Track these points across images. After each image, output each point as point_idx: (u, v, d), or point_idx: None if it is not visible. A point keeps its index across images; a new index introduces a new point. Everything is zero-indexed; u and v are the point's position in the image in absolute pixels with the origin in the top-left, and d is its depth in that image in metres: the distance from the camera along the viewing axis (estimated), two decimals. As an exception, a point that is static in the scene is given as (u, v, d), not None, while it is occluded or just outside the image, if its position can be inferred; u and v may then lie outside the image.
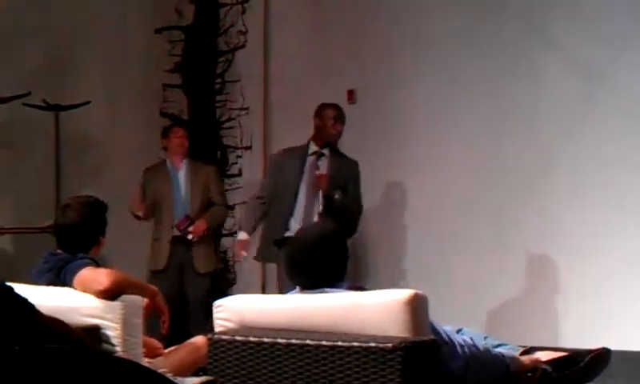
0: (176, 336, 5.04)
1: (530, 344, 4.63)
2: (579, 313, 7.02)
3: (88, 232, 4.56)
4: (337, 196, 6.88)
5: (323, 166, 7.04)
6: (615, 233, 7.11)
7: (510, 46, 7.63)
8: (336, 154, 7.16)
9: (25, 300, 3.38)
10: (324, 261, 4.00)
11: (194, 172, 7.75)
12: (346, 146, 7.61)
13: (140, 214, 7.53)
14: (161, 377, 2.68)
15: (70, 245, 4.51)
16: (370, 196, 7.77)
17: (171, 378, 3.91)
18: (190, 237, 7.56)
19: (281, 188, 7.07)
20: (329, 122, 7.07)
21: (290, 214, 6.98)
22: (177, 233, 7.61)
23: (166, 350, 4.71)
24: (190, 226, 7.55)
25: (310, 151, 7.10)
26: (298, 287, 4.06)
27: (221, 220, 8.05)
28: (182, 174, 7.74)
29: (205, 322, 7.21)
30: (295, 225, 6.78)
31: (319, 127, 7.11)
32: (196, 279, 7.68)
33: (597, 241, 7.15)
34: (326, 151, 7.11)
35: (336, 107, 7.17)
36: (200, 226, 7.59)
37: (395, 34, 8.14)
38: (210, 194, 7.76)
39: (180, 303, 7.59)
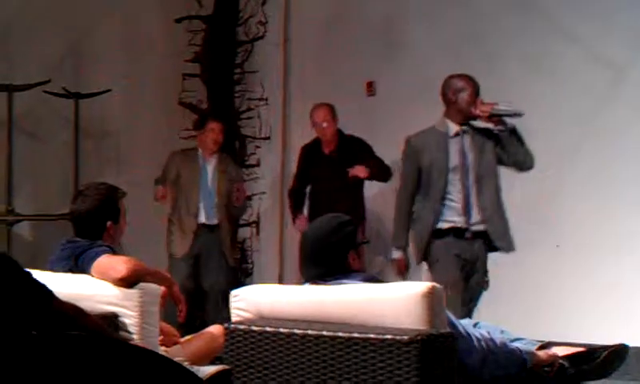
0: (194, 323, 5.06)
1: (546, 339, 4.62)
2: (597, 309, 7.00)
3: (100, 219, 4.56)
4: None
5: (470, 147, 6.17)
6: (632, 229, 7.09)
7: (531, 42, 7.60)
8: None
9: (43, 286, 3.39)
10: (335, 250, 4.00)
11: (222, 168, 7.82)
12: (364, 136, 7.62)
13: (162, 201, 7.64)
14: (177, 365, 2.68)
15: (85, 231, 4.52)
16: (388, 186, 7.76)
17: (187, 367, 3.92)
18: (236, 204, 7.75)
19: (426, 175, 6.18)
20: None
21: (442, 201, 6.14)
22: (203, 221, 7.67)
23: (183, 339, 4.72)
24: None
25: (451, 132, 6.19)
26: (307, 282, 4.06)
27: (235, 216, 8.15)
28: (210, 167, 7.80)
29: (223, 311, 7.28)
30: (452, 214, 6.14)
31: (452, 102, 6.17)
32: (216, 268, 7.73)
33: (613, 237, 7.12)
34: (466, 128, 6.20)
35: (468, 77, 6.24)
36: (242, 193, 7.79)
37: (418, 25, 8.11)
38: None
39: (198, 291, 7.65)
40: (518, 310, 7.05)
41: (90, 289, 4.21)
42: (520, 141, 6.10)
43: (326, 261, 4.00)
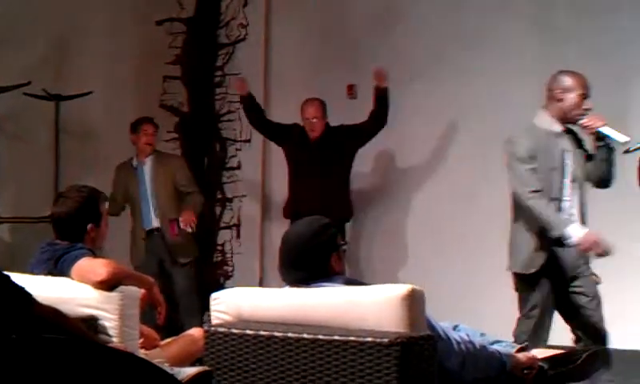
0: (167, 327, 5.04)
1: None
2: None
3: (81, 221, 4.55)
4: None
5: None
6: (619, 234, 7.12)
7: (519, 43, 7.62)
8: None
9: (22, 289, 3.38)
10: (318, 254, 4.00)
11: (158, 166, 7.75)
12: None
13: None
14: (157, 368, 2.68)
15: (65, 234, 4.51)
16: (370, 190, 7.78)
17: (167, 369, 3.92)
18: (189, 230, 7.57)
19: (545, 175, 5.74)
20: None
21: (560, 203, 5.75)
22: (152, 226, 7.65)
23: (163, 342, 4.71)
24: (179, 225, 7.56)
25: (556, 130, 5.74)
26: (287, 285, 4.06)
27: (199, 206, 7.91)
28: (146, 169, 7.75)
29: (194, 311, 7.26)
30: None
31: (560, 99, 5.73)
32: (178, 270, 7.70)
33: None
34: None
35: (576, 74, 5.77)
36: (188, 216, 7.56)
37: (398, 28, 8.13)
38: (177, 184, 7.73)
39: (166, 295, 7.60)
40: (499, 313, 7.07)
41: (69, 292, 4.21)
42: (612, 161, 5.76)
43: (308, 265, 4.00)
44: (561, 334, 6.18)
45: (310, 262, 3.99)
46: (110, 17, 8.41)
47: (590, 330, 5.79)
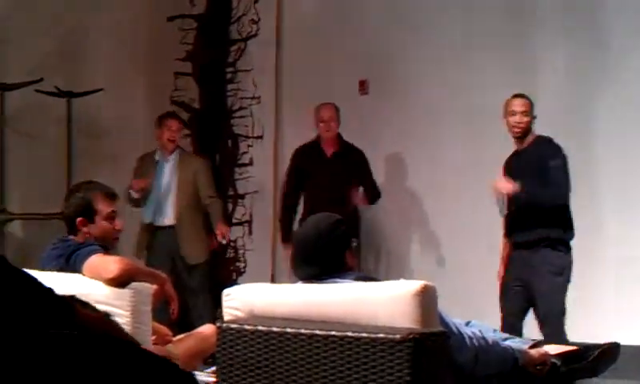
0: (180, 323, 5.05)
1: (539, 338, 4.62)
2: (589, 308, 7.00)
3: (70, 216, 4.59)
4: None
5: None
6: (625, 230, 7.11)
7: (527, 44, 7.61)
8: None
9: (63, 300, 3.30)
10: (332, 249, 3.99)
11: (182, 165, 7.68)
12: (356, 137, 7.62)
13: (136, 195, 7.49)
14: (174, 367, 2.65)
15: (67, 229, 4.56)
16: (382, 188, 7.76)
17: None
18: (224, 242, 7.80)
19: None
20: None
21: None
22: (165, 223, 7.60)
23: (175, 338, 4.71)
24: (216, 238, 7.66)
25: None
26: (300, 281, 4.05)
27: (222, 212, 7.92)
28: (168, 166, 7.67)
29: (206, 310, 7.25)
30: None
31: None
32: (189, 269, 7.66)
33: (605, 238, 7.14)
34: None
35: None
36: (224, 229, 7.63)
37: (409, 25, 8.12)
38: (199, 188, 7.65)
39: (179, 292, 7.62)
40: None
41: (81, 288, 4.20)
42: None
43: (323, 260, 3.99)
44: (574, 331, 6.18)
45: (325, 257, 3.99)
46: (121, 13, 8.42)
47: None
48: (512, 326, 6.04)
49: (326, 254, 3.99)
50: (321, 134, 7.60)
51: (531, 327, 6.28)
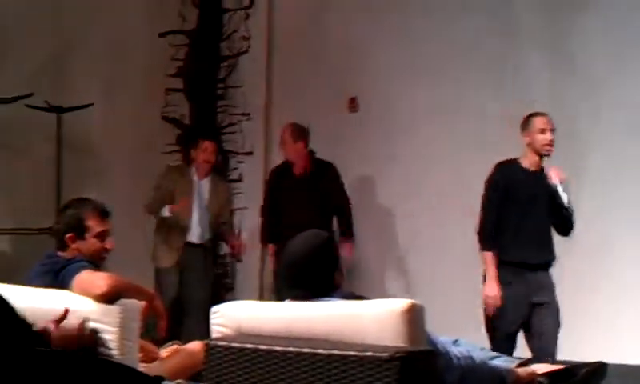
0: (173, 337, 5.04)
1: (527, 356, 4.62)
2: (576, 326, 7.01)
3: (59, 232, 4.59)
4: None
5: None
6: (613, 246, 7.12)
7: (515, 59, 7.64)
8: None
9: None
10: (320, 272, 3.98)
11: (216, 188, 7.92)
12: (348, 154, 7.63)
13: (169, 213, 7.69)
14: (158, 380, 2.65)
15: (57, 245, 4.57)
16: (370, 204, 7.77)
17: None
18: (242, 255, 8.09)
19: None
20: None
21: None
22: (193, 240, 7.75)
23: (163, 354, 4.70)
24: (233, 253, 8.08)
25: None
26: (287, 299, 4.04)
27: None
28: (205, 186, 7.86)
29: (200, 326, 7.27)
30: None
31: None
32: (200, 284, 7.75)
33: (594, 254, 7.16)
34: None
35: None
36: (242, 246, 7.98)
37: (400, 40, 8.14)
38: (221, 213, 7.94)
39: (179, 303, 7.68)
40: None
41: (70, 305, 4.20)
42: None
43: (312, 282, 3.96)
44: (562, 350, 6.19)
45: (313, 279, 3.97)
46: (112, 29, 8.42)
47: None
48: (508, 341, 6.07)
49: (316, 276, 3.98)
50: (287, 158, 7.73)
51: (523, 346, 6.29)
